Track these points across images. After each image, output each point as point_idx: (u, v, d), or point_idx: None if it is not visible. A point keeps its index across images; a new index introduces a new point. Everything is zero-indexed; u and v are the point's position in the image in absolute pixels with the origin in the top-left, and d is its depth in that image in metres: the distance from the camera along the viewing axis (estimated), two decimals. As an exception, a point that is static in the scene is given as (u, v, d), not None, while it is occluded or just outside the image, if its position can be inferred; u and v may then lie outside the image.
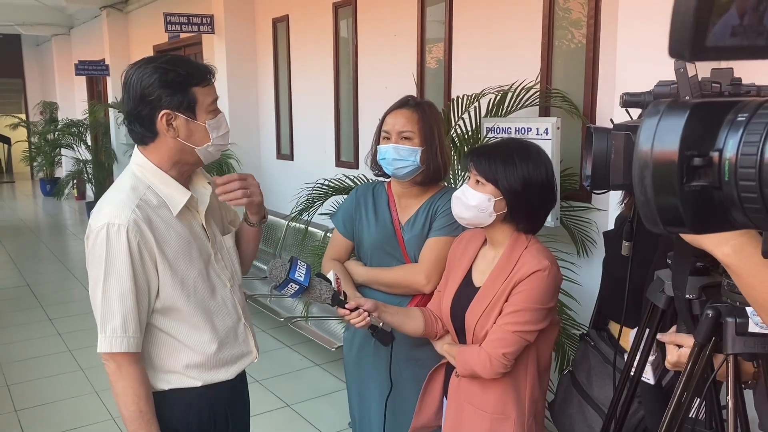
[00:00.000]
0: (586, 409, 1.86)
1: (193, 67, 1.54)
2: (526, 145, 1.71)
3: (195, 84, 1.52)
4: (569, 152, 3.09)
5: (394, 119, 1.98)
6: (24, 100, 15.45)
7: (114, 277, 1.48)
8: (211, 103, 1.56)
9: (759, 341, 1.15)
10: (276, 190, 6.19)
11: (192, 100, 1.52)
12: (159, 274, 1.54)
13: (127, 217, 1.48)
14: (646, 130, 0.54)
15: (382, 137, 2.01)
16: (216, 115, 1.58)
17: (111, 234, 1.48)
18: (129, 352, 1.51)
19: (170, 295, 1.56)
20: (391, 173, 1.99)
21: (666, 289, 1.42)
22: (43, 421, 3.58)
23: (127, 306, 1.49)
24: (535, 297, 1.62)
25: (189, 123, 1.53)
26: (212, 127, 1.57)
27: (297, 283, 1.62)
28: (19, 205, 12.35)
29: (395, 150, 1.94)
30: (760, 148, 0.49)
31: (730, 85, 0.99)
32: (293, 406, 3.74)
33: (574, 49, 3.30)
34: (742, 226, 0.53)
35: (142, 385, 1.53)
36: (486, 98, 3.23)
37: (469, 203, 1.67)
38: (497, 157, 1.66)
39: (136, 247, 1.49)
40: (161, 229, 1.54)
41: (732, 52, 0.42)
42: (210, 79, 1.57)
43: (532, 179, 1.65)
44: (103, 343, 1.50)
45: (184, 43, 7.76)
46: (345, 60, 5.19)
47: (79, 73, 10.08)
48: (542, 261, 1.64)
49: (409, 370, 2.04)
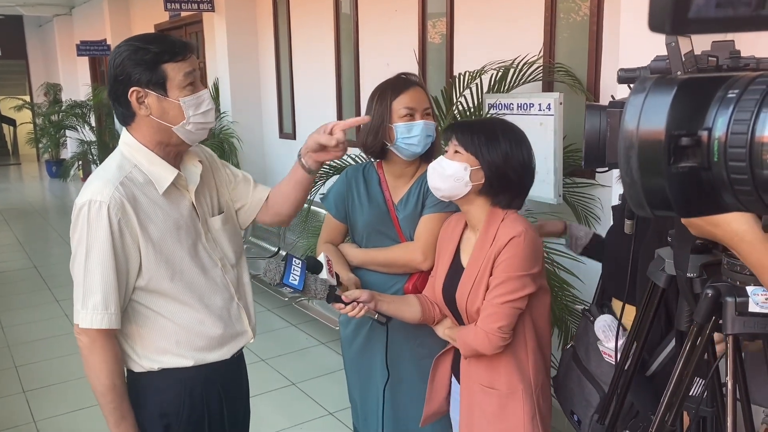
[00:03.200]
0: (584, 384, 1.87)
1: (165, 43, 1.50)
2: (511, 126, 1.73)
3: (166, 60, 1.48)
4: (572, 128, 3.04)
5: (416, 96, 1.94)
6: (28, 82, 15.42)
7: (95, 254, 1.49)
8: (184, 78, 1.51)
9: (759, 321, 1.13)
10: (279, 170, 6.17)
11: (161, 77, 1.49)
12: (141, 253, 1.54)
13: (109, 194, 1.49)
14: (631, 108, 0.51)
15: (399, 116, 1.92)
16: (193, 92, 1.53)
17: (92, 211, 1.48)
18: (109, 328, 1.52)
19: (154, 274, 1.56)
20: (415, 152, 1.94)
21: (666, 267, 1.40)
22: (51, 401, 3.61)
23: (109, 282, 1.50)
24: (516, 264, 1.63)
25: (161, 101, 1.51)
26: (188, 104, 1.52)
27: (291, 287, 1.63)
28: (25, 187, 12.40)
29: (427, 126, 1.93)
30: (750, 127, 0.46)
31: (729, 58, 0.95)
32: (298, 384, 3.76)
33: (579, 22, 3.24)
34: (732, 209, 0.50)
35: (115, 360, 1.55)
36: (488, 74, 3.18)
37: (444, 173, 1.67)
38: (481, 131, 1.68)
39: (116, 225, 1.49)
40: (146, 207, 1.54)
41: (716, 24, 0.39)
42: (184, 54, 1.51)
43: (513, 156, 1.66)
44: (84, 318, 1.51)
45: (185, 22, 7.69)
46: (346, 37, 5.13)
47: (81, 53, 10.04)
48: (516, 227, 1.64)
49: (408, 350, 2.03)
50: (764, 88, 0.46)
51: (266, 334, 4.46)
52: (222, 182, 1.79)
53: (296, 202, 1.79)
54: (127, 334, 1.60)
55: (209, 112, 1.57)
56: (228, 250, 1.74)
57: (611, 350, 1.76)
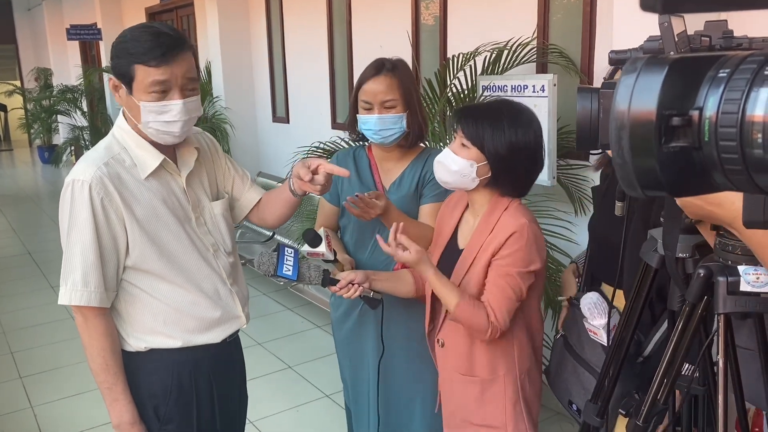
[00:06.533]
0: (579, 372, 1.86)
1: (147, 44, 1.47)
2: (518, 109, 1.66)
3: (139, 61, 1.47)
4: (566, 110, 3.04)
5: (374, 87, 1.91)
6: (18, 67, 15.27)
7: (76, 232, 1.51)
8: (151, 84, 1.48)
9: (750, 300, 1.14)
10: (273, 154, 6.15)
11: (130, 76, 1.50)
12: (127, 231, 1.55)
13: (92, 173, 1.50)
14: (623, 88, 0.51)
15: (362, 107, 1.94)
16: (159, 100, 1.50)
17: (75, 190, 1.51)
18: (91, 306, 1.53)
19: (141, 253, 1.57)
20: (378, 142, 1.96)
21: (659, 248, 1.41)
22: (48, 387, 3.63)
23: (88, 260, 1.51)
24: (519, 260, 1.61)
25: (128, 97, 1.53)
26: (148, 109, 1.51)
27: (286, 278, 1.64)
28: (18, 173, 12.32)
29: (381, 121, 1.90)
30: (741, 106, 0.46)
31: (722, 38, 0.95)
32: (294, 367, 3.78)
33: (572, 3, 3.22)
34: (723, 189, 0.50)
35: (107, 338, 1.57)
36: (482, 56, 3.16)
37: (450, 168, 1.65)
38: (485, 120, 1.62)
39: (99, 203, 1.50)
40: (132, 187, 1.55)
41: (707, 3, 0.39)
42: (159, 60, 1.47)
43: (519, 144, 1.61)
44: (63, 295, 1.54)
45: (176, 5, 7.61)
46: (339, 19, 5.09)
47: (71, 37, 9.92)
48: (519, 220, 1.62)
49: (401, 331, 2.04)
50: (755, 67, 0.46)
51: (262, 318, 4.48)
52: (220, 172, 1.81)
53: (282, 217, 1.83)
54: (117, 313, 1.63)
55: (174, 123, 1.53)
56: (226, 235, 1.76)
57: (596, 328, 1.77)
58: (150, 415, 1.65)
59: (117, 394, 1.59)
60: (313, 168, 1.62)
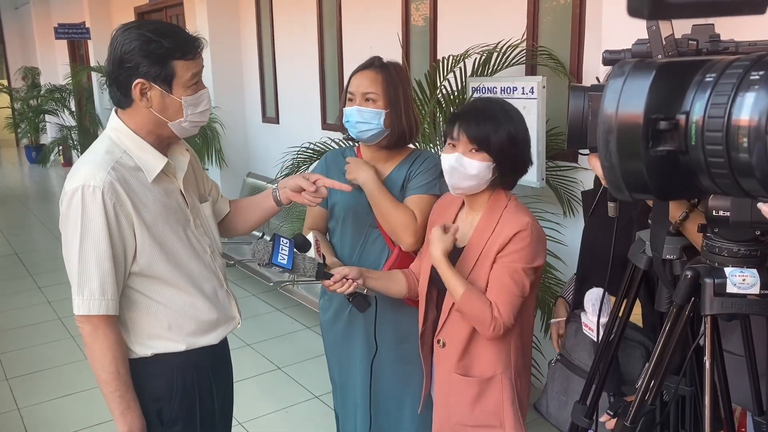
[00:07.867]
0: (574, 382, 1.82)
1: (179, 39, 1.49)
2: (502, 104, 1.71)
3: (178, 57, 1.47)
4: (555, 111, 3.05)
5: (359, 80, 1.94)
6: (5, 66, 15.12)
7: (90, 240, 1.47)
8: (191, 78, 1.51)
9: (737, 301, 1.15)
10: (263, 155, 6.13)
11: (170, 74, 1.48)
12: (137, 236, 1.53)
13: (103, 178, 1.47)
14: (610, 92, 0.51)
15: (347, 99, 1.97)
16: (196, 91, 1.54)
17: (86, 196, 1.46)
18: (108, 314, 1.51)
19: (149, 258, 1.55)
20: (356, 136, 1.97)
21: (647, 249, 1.41)
22: (35, 388, 3.59)
23: (105, 268, 1.49)
24: (525, 257, 1.63)
25: (164, 96, 1.50)
26: (188, 103, 1.53)
27: (281, 266, 1.63)
28: (4, 173, 12.20)
29: (359, 112, 1.91)
30: (727, 111, 0.47)
31: (709, 41, 0.96)
32: (284, 368, 3.77)
33: (562, 5, 3.24)
34: (709, 192, 0.51)
35: (119, 347, 1.55)
36: (472, 58, 3.17)
37: (468, 172, 1.64)
38: (486, 121, 1.64)
39: (111, 209, 1.47)
40: (138, 192, 1.53)
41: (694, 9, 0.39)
42: (195, 52, 1.51)
43: (517, 136, 1.66)
44: (81, 305, 1.50)
45: (165, 4, 7.57)
46: (329, 20, 5.08)
47: (59, 36, 9.83)
48: (522, 218, 1.65)
49: (390, 333, 2.04)
50: (740, 72, 0.46)
51: (251, 319, 4.46)
52: (200, 175, 1.82)
53: (254, 225, 1.90)
54: (120, 320, 1.59)
55: (206, 112, 1.59)
56: (217, 236, 1.77)
57: (593, 324, 1.76)
58: (153, 420, 1.64)
59: (129, 401, 1.56)
60: (312, 180, 1.75)
